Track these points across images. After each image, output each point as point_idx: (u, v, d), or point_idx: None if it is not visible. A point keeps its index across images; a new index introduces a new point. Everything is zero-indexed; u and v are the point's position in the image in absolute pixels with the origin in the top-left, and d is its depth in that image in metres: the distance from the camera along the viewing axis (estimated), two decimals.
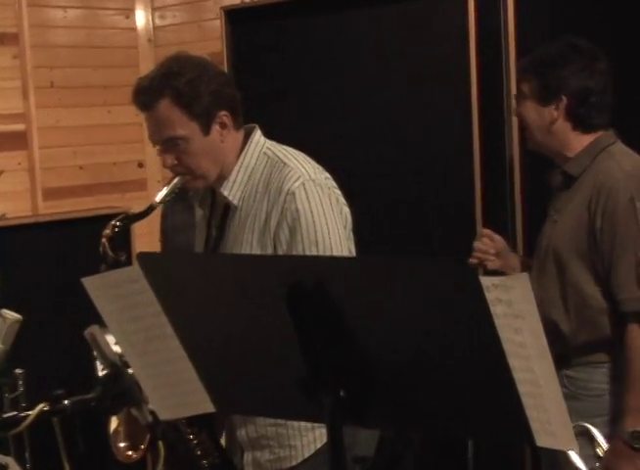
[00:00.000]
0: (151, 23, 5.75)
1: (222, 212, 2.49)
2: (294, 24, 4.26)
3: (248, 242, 2.38)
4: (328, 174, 2.46)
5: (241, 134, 2.47)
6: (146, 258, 1.62)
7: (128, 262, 3.00)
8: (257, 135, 2.48)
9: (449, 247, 3.66)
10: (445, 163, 3.81)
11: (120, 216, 2.44)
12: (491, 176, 3.68)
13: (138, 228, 3.67)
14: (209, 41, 5.07)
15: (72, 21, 5.52)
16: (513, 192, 3.60)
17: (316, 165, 2.45)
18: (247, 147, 2.45)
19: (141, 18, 5.76)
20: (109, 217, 3.00)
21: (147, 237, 4.51)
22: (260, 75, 4.32)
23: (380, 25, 3.98)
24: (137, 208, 3.00)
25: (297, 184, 2.34)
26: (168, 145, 2.39)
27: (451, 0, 3.72)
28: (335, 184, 2.46)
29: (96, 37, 5.58)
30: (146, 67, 5.57)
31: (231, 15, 4.44)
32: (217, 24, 4.63)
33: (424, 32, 3.84)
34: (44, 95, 5.29)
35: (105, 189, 5.28)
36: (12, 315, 2.40)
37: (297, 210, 2.32)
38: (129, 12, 5.74)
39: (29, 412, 1.76)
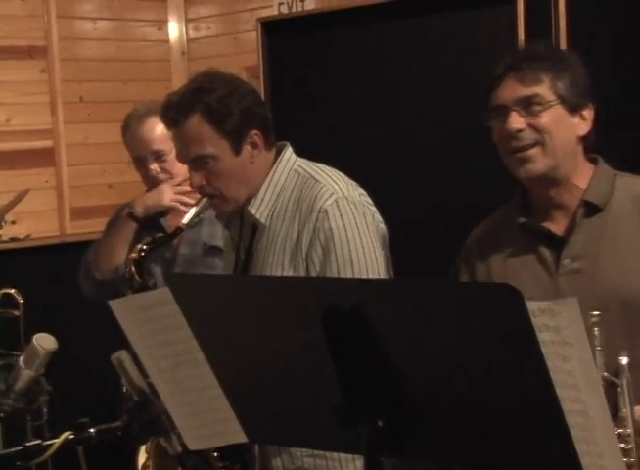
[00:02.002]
0: (184, 35, 5.80)
1: (250, 234, 2.50)
2: (332, 36, 4.29)
3: (279, 263, 2.39)
4: (363, 191, 2.46)
5: (272, 153, 2.48)
6: (176, 280, 1.64)
7: (155, 288, 3.04)
8: (288, 153, 2.50)
9: None
10: (485, 178, 3.79)
11: (147, 239, 2.46)
12: None
13: None
14: (245, 54, 5.11)
15: (103, 33, 5.58)
16: None
17: (350, 182, 2.45)
18: (276, 164, 2.47)
19: (174, 30, 5.81)
20: None
21: None
22: (297, 89, 4.34)
23: (421, 37, 4.00)
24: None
25: (329, 202, 2.35)
26: (197, 164, 2.41)
27: (500, 12, 3.72)
28: (370, 201, 2.46)
29: (127, 50, 5.64)
30: (179, 81, 5.62)
31: (268, 26, 4.48)
32: (253, 36, 4.67)
33: (468, 44, 3.85)
34: (73, 110, 5.35)
35: None
36: (49, 343, 2.42)
37: (330, 228, 2.32)
38: (162, 23, 5.80)
39: (54, 441, 1.78)
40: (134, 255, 2.41)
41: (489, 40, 3.78)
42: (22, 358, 2.42)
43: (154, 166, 3.27)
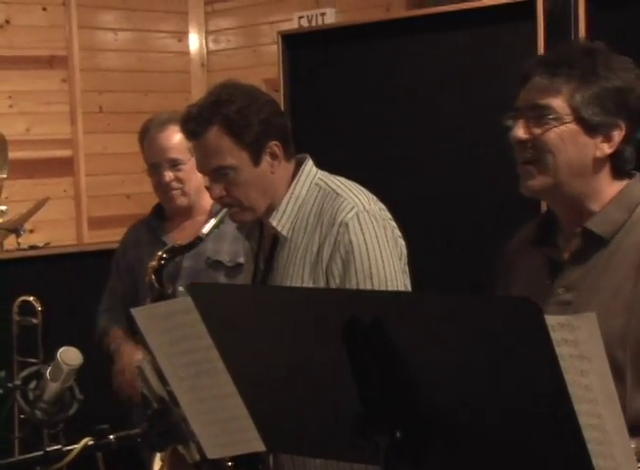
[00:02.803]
0: (204, 47, 5.84)
1: (270, 245, 2.51)
2: (351, 50, 4.31)
3: (298, 275, 2.40)
4: (383, 205, 2.48)
5: (292, 165, 2.50)
6: (198, 290, 1.66)
7: (174, 295, 3.07)
8: (309, 165, 2.51)
9: None
10: (506, 194, 3.81)
11: (167, 248, 2.49)
12: None
13: None
14: (265, 66, 5.14)
15: (123, 44, 5.63)
16: None
17: (370, 196, 2.47)
18: (297, 177, 2.48)
19: (194, 41, 5.85)
20: None
21: None
22: (317, 102, 4.37)
23: (440, 52, 4.02)
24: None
25: (350, 215, 2.36)
26: (217, 175, 2.42)
27: (519, 28, 3.75)
28: (390, 215, 2.48)
29: (147, 61, 5.68)
30: (198, 92, 5.66)
31: (288, 40, 4.50)
32: (273, 49, 4.69)
33: (487, 60, 3.87)
34: (92, 120, 5.40)
35: None
36: (73, 359, 2.45)
37: (350, 241, 2.34)
38: (182, 35, 5.84)
39: (73, 446, 1.80)
40: (154, 263, 2.43)
41: (508, 56, 3.80)
42: (48, 370, 2.45)
43: (168, 175, 3.27)
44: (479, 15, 3.85)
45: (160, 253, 2.47)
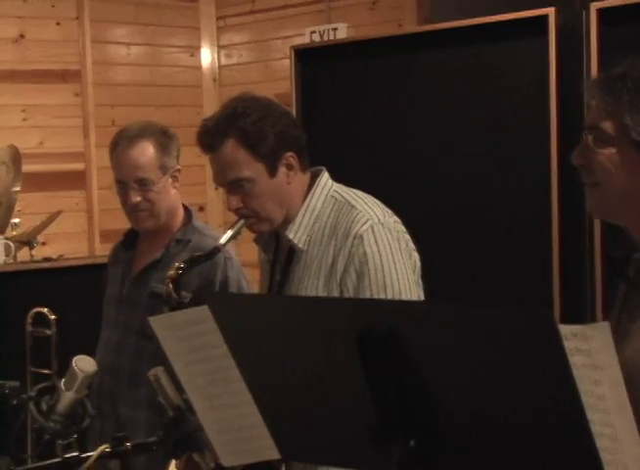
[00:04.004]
0: (216, 61, 5.87)
1: (287, 257, 2.53)
2: (363, 65, 4.34)
3: (313, 286, 2.42)
4: (397, 218, 2.50)
5: (307, 176, 2.53)
6: (215, 299, 1.68)
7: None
8: (325, 178, 2.54)
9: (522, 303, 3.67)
10: (520, 213, 3.84)
11: (186, 259, 2.51)
12: (571, 229, 3.70)
13: None
14: (277, 81, 5.18)
15: (136, 58, 5.67)
16: (592, 244, 3.60)
17: (385, 209, 2.49)
18: (313, 189, 2.51)
19: (206, 56, 5.88)
20: None
21: None
22: (329, 116, 4.39)
23: (452, 67, 4.05)
24: None
25: (365, 227, 2.38)
26: (233, 187, 2.45)
27: (532, 43, 3.77)
28: (404, 229, 2.49)
29: (159, 75, 5.72)
30: (210, 107, 5.70)
31: (301, 54, 4.53)
32: (285, 64, 4.73)
33: (501, 74, 3.90)
34: (105, 134, 5.41)
35: None
36: (88, 366, 2.48)
37: (364, 253, 2.35)
38: (194, 50, 5.88)
39: (90, 453, 1.82)
40: (172, 272, 2.45)
41: (521, 71, 3.82)
42: (62, 381, 2.48)
43: (135, 196, 3.05)
44: (490, 30, 3.88)
45: (177, 263, 2.49)
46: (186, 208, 3.24)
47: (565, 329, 1.36)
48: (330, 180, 2.55)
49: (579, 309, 3.64)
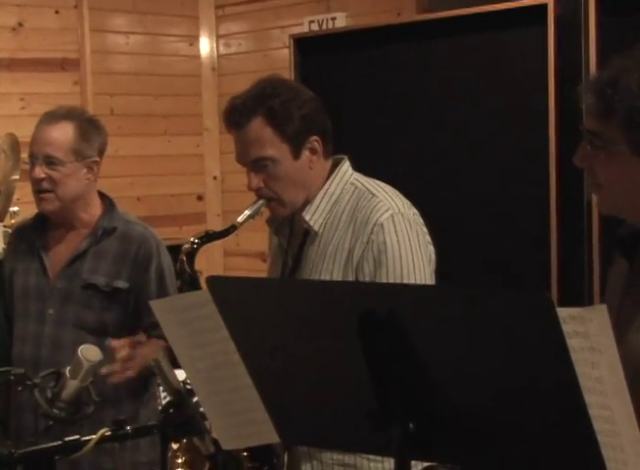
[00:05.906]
0: (215, 50, 5.87)
1: (301, 241, 2.53)
2: (362, 54, 4.35)
3: (328, 271, 2.42)
4: (416, 210, 2.50)
5: (329, 163, 2.53)
6: (215, 282, 1.69)
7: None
8: (346, 166, 2.55)
9: None
10: (519, 199, 3.85)
11: (201, 234, 2.49)
12: (569, 222, 3.71)
13: None
14: (276, 71, 5.14)
15: (134, 47, 5.66)
16: (591, 235, 3.62)
17: (405, 200, 2.49)
18: (333, 175, 2.51)
19: (205, 45, 5.88)
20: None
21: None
22: (328, 106, 4.38)
23: (451, 56, 4.06)
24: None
25: (385, 216, 2.38)
26: (256, 166, 2.45)
27: (530, 33, 3.78)
28: (422, 221, 2.49)
29: (158, 65, 5.71)
30: (209, 96, 5.70)
31: (300, 43, 4.54)
32: (284, 54, 4.73)
33: (499, 63, 3.91)
34: (103, 123, 5.42)
35: (162, 222, 5.33)
36: (93, 355, 2.50)
37: (384, 242, 2.36)
38: (193, 39, 5.87)
39: (91, 436, 1.83)
40: (187, 246, 2.44)
41: (519, 60, 3.84)
42: (68, 369, 2.49)
43: (39, 170, 3.00)
44: (489, 19, 3.89)
45: (192, 238, 2.48)
46: (104, 197, 3.19)
47: (563, 312, 1.37)
48: (350, 169, 2.55)
49: (577, 294, 3.65)
